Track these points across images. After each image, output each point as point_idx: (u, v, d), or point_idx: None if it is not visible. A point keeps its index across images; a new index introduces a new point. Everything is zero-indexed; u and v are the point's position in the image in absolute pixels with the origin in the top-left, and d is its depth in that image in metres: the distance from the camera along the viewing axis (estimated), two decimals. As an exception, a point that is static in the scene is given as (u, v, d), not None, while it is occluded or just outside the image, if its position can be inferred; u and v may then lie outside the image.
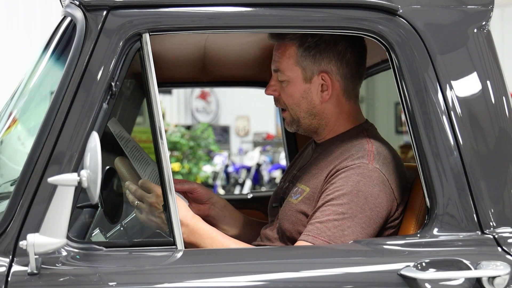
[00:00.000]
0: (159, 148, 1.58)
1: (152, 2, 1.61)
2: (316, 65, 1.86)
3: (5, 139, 1.86)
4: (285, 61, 1.87)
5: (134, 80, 2.62)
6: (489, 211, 1.60)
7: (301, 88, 1.87)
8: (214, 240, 1.74)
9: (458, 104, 1.63)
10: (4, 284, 1.42)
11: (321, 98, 1.87)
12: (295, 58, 1.86)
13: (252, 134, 14.37)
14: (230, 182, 11.23)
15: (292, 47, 1.86)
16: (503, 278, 1.50)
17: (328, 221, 1.70)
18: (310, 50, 1.85)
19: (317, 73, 1.86)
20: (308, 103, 1.88)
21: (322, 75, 1.86)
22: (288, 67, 1.87)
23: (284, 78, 1.88)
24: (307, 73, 1.86)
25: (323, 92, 1.87)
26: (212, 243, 1.74)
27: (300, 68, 1.86)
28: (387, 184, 1.75)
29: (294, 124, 1.93)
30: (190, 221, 1.74)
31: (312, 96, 1.87)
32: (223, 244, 1.74)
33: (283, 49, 1.88)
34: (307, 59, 1.86)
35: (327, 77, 1.86)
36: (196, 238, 1.74)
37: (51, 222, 1.36)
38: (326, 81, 1.86)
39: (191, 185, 2.03)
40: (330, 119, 1.90)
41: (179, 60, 2.58)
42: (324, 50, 1.85)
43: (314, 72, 1.86)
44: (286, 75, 1.87)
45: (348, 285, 1.52)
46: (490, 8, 1.70)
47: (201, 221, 1.77)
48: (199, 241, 1.74)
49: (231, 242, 1.76)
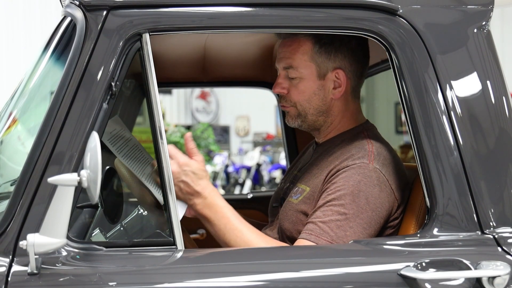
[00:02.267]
0: (159, 148, 1.58)
1: (152, 2, 1.61)
2: (331, 62, 1.85)
3: (5, 139, 1.86)
4: (298, 57, 1.85)
5: (134, 80, 2.62)
6: (489, 211, 1.60)
7: (314, 85, 1.86)
8: (229, 221, 1.70)
9: (458, 104, 1.63)
10: (4, 284, 1.42)
11: (332, 95, 1.87)
12: (310, 54, 1.85)
13: (252, 134, 14.38)
14: (230, 182, 11.23)
15: (306, 43, 1.85)
16: (503, 278, 1.50)
17: (330, 221, 1.70)
18: (326, 46, 1.84)
19: (331, 70, 1.85)
20: (320, 100, 1.87)
21: (336, 72, 1.86)
22: (302, 64, 1.85)
23: (297, 75, 1.86)
24: (321, 70, 1.85)
25: (335, 89, 1.87)
26: (227, 223, 1.70)
27: (314, 64, 1.85)
28: (387, 184, 1.75)
29: (299, 119, 1.90)
30: (209, 194, 1.71)
31: (324, 92, 1.87)
32: (237, 227, 1.70)
33: (296, 46, 1.86)
34: (323, 56, 1.85)
35: (341, 74, 1.86)
36: (211, 213, 1.70)
37: (51, 222, 1.36)
38: (340, 78, 1.86)
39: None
40: (336, 117, 1.90)
41: (179, 60, 2.58)
42: (339, 47, 1.85)
43: (329, 68, 1.85)
44: (299, 71, 1.85)
45: (348, 285, 1.52)
46: (490, 8, 1.70)
47: (219, 198, 1.73)
48: (213, 217, 1.70)
49: (245, 228, 1.72)
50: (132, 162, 1.82)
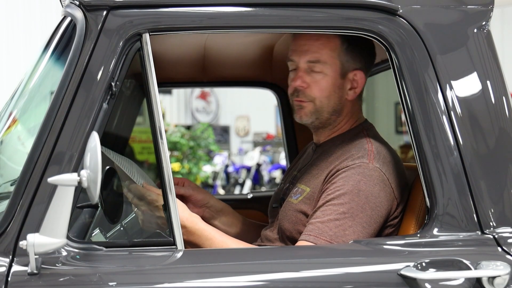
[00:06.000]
0: (159, 148, 1.58)
1: (152, 2, 1.61)
2: (354, 62, 1.86)
3: (5, 139, 1.86)
4: (327, 53, 1.84)
5: (134, 80, 2.62)
6: (489, 211, 1.60)
7: (335, 83, 1.86)
8: (213, 241, 1.74)
9: (458, 104, 1.63)
10: (4, 284, 1.42)
11: (347, 96, 1.88)
12: (338, 51, 1.84)
13: (252, 134, 14.37)
14: (230, 182, 11.23)
15: (335, 40, 1.84)
16: (503, 278, 1.50)
17: (329, 220, 1.70)
18: (353, 46, 1.85)
19: (351, 70, 1.86)
20: (337, 98, 1.87)
21: (355, 73, 1.86)
22: (329, 59, 1.84)
23: (322, 70, 1.84)
24: (344, 69, 1.85)
25: (351, 90, 1.87)
26: (212, 244, 1.74)
27: (339, 62, 1.85)
28: (387, 183, 1.75)
29: (314, 115, 1.87)
30: (187, 222, 1.74)
31: (343, 92, 1.87)
32: (222, 244, 1.74)
33: (325, 41, 1.84)
34: (348, 55, 1.85)
35: (361, 75, 1.87)
36: (195, 239, 1.74)
37: (51, 222, 1.36)
38: (358, 80, 1.87)
39: (186, 190, 2.04)
40: (344, 118, 1.91)
41: (179, 60, 2.58)
42: (362, 49, 1.86)
43: (350, 68, 1.86)
44: (325, 66, 1.84)
45: (348, 285, 1.52)
46: (490, 8, 1.70)
47: (199, 221, 1.77)
48: (198, 242, 1.74)
49: (231, 242, 1.76)
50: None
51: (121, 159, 1.85)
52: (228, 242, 1.76)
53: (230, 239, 1.78)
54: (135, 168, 1.88)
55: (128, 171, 1.82)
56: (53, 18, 6.73)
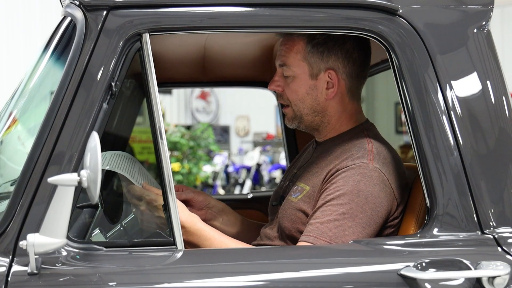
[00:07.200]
0: (159, 148, 1.58)
1: (152, 2, 1.61)
2: (324, 62, 1.85)
3: (5, 139, 1.86)
4: (292, 56, 1.86)
5: (134, 80, 2.62)
6: (489, 211, 1.60)
7: (306, 84, 1.87)
8: (213, 241, 1.75)
9: (458, 104, 1.63)
10: (4, 284, 1.42)
11: (325, 96, 1.87)
12: (303, 53, 1.85)
13: (252, 134, 14.37)
14: (230, 182, 11.23)
15: (300, 43, 1.86)
16: (503, 278, 1.50)
17: (329, 221, 1.70)
18: (318, 46, 1.85)
19: (324, 70, 1.86)
20: (313, 100, 1.88)
21: (328, 72, 1.86)
22: (295, 62, 1.86)
23: (290, 73, 1.87)
24: (314, 70, 1.86)
25: (328, 89, 1.87)
26: (211, 244, 1.75)
27: (307, 64, 1.86)
28: (387, 183, 1.75)
29: (296, 120, 1.92)
30: (187, 222, 1.75)
31: (317, 93, 1.87)
32: (221, 244, 1.75)
33: (291, 44, 1.87)
34: (315, 56, 1.85)
35: (334, 74, 1.86)
36: (195, 239, 1.75)
37: (51, 222, 1.36)
38: (333, 79, 1.86)
39: (187, 195, 2.06)
40: (332, 117, 1.91)
41: (179, 60, 2.58)
42: (332, 48, 1.85)
43: (321, 69, 1.86)
44: (292, 70, 1.87)
45: (348, 285, 1.52)
46: (490, 8, 1.70)
47: (198, 221, 1.77)
48: (197, 242, 1.75)
49: (230, 242, 1.77)
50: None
51: (121, 159, 1.85)
52: (227, 242, 1.76)
53: (229, 239, 1.78)
54: (136, 167, 1.88)
55: (128, 171, 1.82)
56: (53, 18, 6.73)
